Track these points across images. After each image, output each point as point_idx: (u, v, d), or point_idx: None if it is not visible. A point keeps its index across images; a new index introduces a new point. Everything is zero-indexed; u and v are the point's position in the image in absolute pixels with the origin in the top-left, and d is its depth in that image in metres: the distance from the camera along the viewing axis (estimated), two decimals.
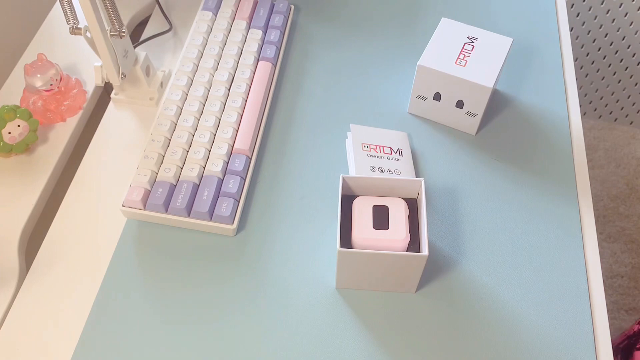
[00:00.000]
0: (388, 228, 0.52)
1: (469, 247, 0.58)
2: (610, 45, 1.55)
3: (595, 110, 1.68)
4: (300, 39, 0.76)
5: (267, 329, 0.53)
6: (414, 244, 0.53)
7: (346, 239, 0.53)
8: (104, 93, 0.73)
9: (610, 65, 1.55)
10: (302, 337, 0.53)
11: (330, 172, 0.63)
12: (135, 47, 0.68)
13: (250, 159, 0.63)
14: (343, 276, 0.54)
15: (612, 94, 1.62)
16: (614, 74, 1.57)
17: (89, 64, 0.71)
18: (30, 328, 0.54)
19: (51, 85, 0.65)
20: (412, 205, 0.55)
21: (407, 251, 0.52)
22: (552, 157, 0.65)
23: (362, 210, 0.53)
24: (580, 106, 1.68)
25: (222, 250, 0.58)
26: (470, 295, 0.55)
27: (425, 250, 0.50)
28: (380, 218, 0.53)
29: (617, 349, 0.79)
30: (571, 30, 1.51)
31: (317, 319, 0.54)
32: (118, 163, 0.64)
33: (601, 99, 1.64)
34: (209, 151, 0.62)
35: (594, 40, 1.55)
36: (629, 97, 1.61)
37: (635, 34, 1.51)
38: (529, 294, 0.56)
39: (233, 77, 0.68)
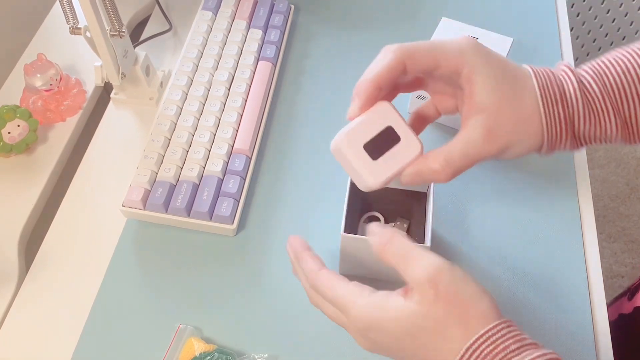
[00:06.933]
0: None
1: (469, 247, 0.58)
2: (611, 45, 1.55)
3: None
4: (300, 39, 0.76)
5: (267, 329, 0.53)
6: (419, 236, 0.55)
7: (351, 226, 0.54)
8: (104, 93, 0.73)
9: None
10: (303, 337, 0.53)
11: (330, 172, 0.63)
12: (135, 46, 0.68)
13: (250, 159, 0.63)
14: (346, 263, 0.54)
15: None
16: None
17: (88, 64, 0.71)
18: (30, 328, 0.54)
19: (51, 85, 0.65)
20: (422, 198, 0.57)
21: (412, 230, 0.54)
22: (552, 157, 0.65)
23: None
24: None
25: (222, 250, 0.58)
26: None
27: (428, 241, 0.51)
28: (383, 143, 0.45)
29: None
30: (571, 30, 1.51)
31: (318, 319, 0.54)
32: (118, 163, 0.64)
33: None
34: (209, 151, 0.62)
35: (594, 40, 1.55)
36: None
37: (636, 33, 1.50)
38: (529, 294, 0.55)
39: (233, 77, 0.68)
